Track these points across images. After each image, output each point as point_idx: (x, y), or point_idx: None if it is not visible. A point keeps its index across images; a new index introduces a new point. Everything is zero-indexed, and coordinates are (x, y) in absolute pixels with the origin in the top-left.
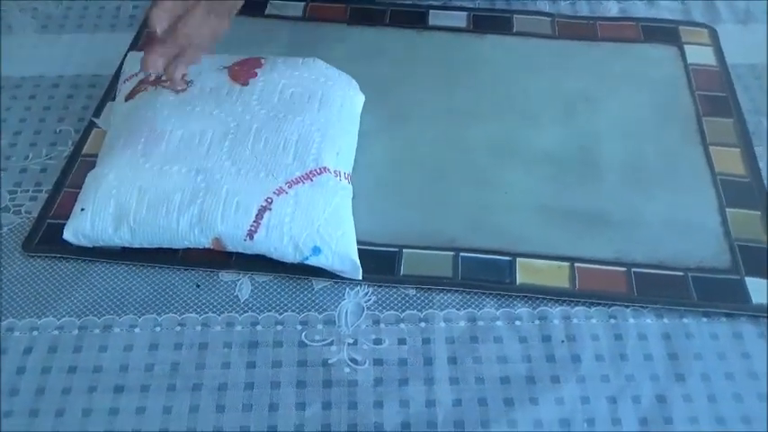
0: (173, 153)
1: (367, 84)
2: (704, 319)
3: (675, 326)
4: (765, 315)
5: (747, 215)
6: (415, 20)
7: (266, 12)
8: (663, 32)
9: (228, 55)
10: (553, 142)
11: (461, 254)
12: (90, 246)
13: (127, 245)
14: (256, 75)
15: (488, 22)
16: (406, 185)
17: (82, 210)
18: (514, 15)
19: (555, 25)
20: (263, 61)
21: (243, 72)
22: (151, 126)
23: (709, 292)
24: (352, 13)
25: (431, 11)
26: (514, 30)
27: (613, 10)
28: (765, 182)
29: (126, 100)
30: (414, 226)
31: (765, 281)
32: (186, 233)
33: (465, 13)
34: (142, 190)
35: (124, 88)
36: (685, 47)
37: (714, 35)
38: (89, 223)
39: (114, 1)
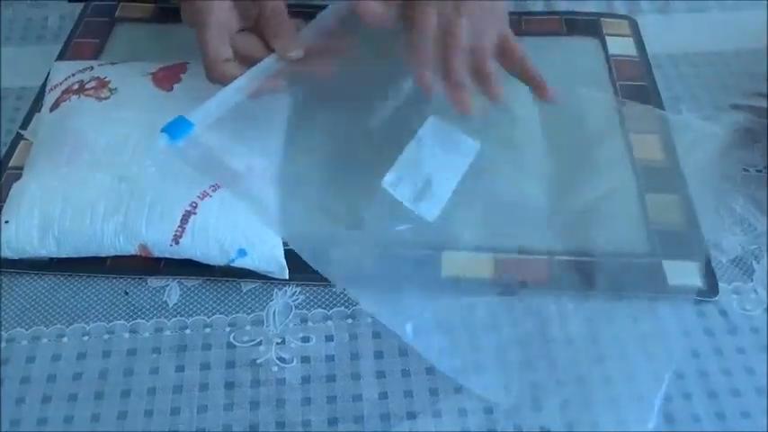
0: (96, 161)
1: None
2: (624, 303)
3: (596, 310)
4: (681, 296)
5: (665, 199)
6: None
7: None
8: (585, 25)
9: (154, 62)
10: (476, 134)
11: (388, 249)
12: (16, 257)
13: (53, 255)
14: (180, 80)
15: None
16: (333, 184)
17: (6, 222)
18: None
19: None
20: (187, 66)
21: (167, 77)
22: (75, 135)
23: (628, 276)
24: None
25: None
26: None
27: (538, 5)
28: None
29: (51, 110)
30: (341, 224)
31: (681, 263)
32: (111, 241)
33: None
34: (66, 199)
35: (49, 98)
36: (607, 38)
37: (634, 26)
38: (14, 235)
39: (41, 13)
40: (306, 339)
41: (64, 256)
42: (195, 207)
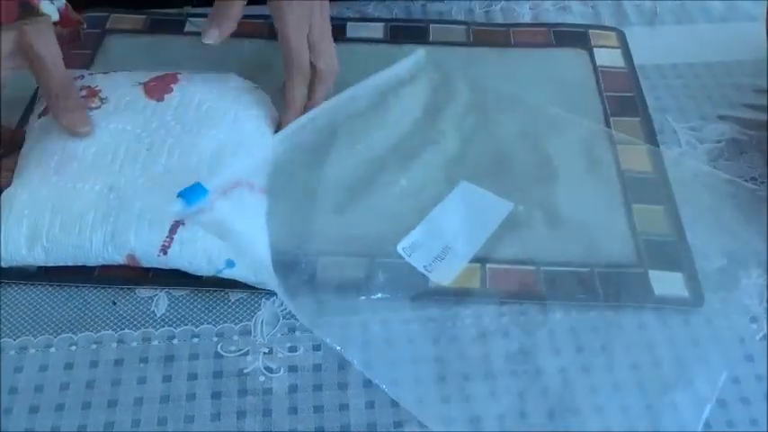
0: (85, 170)
1: (282, 98)
2: (610, 313)
3: (583, 320)
4: (667, 306)
5: (651, 210)
6: (334, 32)
7: (185, 29)
8: (573, 36)
9: (145, 72)
10: (465, 146)
11: (377, 259)
12: (5, 267)
13: (42, 264)
14: (172, 90)
15: (405, 32)
16: (322, 196)
17: None
18: (431, 25)
19: (470, 33)
20: (179, 77)
21: (158, 88)
22: (64, 143)
23: (615, 287)
24: (272, 29)
25: (348, 23)
26: (431, 39)
27: (526, 16)
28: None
29: (39, 117)
30: (330, 235)
31: (667, 273)
32: (100, 251)
33: (382, 24)
34: (55, 209)
35: (39, 106)
36: (594, 50)
37: (622, 37)
38: (2, 244)
39: None
40: (293, 349)
41: (52, 265)
42: None
